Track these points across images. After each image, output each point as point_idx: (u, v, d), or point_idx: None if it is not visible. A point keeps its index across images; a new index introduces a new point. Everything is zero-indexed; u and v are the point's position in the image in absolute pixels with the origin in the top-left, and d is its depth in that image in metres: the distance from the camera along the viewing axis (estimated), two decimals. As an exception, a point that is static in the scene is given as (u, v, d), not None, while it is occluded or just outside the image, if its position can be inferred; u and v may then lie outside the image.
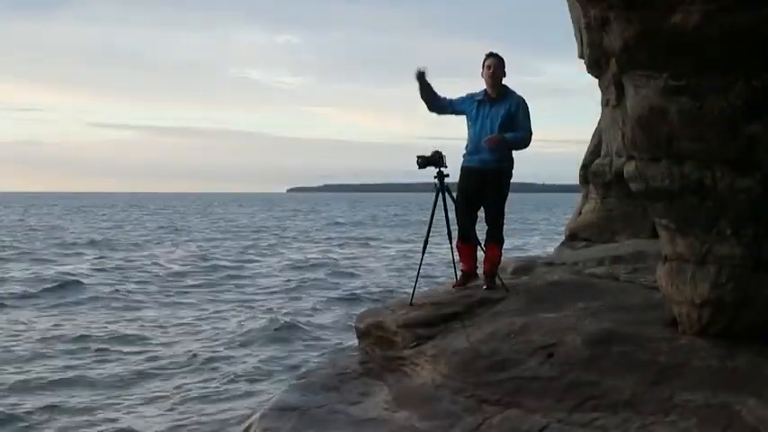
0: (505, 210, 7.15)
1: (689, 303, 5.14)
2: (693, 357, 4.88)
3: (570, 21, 11.83)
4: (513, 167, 7.06)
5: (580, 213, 12.89)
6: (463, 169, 7.05)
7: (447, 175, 7.02)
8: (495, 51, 6.99)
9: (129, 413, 9.34)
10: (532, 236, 41.43)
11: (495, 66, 6.91)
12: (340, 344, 12.68)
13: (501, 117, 6.86)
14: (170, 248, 33.64)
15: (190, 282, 21.66)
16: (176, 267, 25.35)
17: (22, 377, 10.84)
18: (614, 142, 10.91)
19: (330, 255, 30.83)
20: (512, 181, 7.12)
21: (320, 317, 15.87)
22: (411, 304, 6.74)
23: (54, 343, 13.09)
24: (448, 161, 7.02)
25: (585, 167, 12.62)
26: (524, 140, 6.94)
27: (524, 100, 6.98)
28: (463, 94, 7.12)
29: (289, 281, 21.99)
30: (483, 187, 6.95)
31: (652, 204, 5.34)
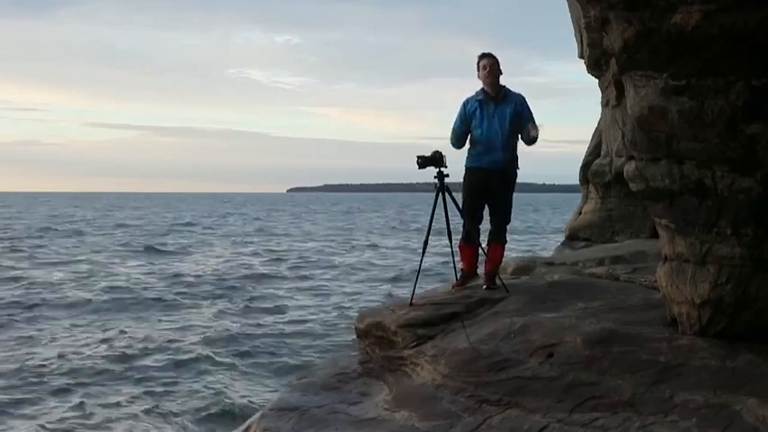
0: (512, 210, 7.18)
1: (689, 303, 5.13)
2: (693, 357, 4.88)
3: (570, 21, 11.84)
4: (518, 168, 7.11)
5: (580, 213, 12.91)
6: (470, 170, 7.05)
7: (447, 175, 7.02)
8: (488, 51, 7.04)
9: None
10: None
11: (491, 65, 6.96)
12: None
13: (509, 116, 6.91)
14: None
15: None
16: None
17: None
18: (614, 142, 10.92)
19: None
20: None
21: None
22: (411, 304, 6.73)
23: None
24: (448, 161, 7.03)
25: (585, 167, 12.64)
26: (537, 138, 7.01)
27: (524, 97, 7.06)
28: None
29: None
30: (490, 187, 6.97)
31: (652, 204, 5.34)
